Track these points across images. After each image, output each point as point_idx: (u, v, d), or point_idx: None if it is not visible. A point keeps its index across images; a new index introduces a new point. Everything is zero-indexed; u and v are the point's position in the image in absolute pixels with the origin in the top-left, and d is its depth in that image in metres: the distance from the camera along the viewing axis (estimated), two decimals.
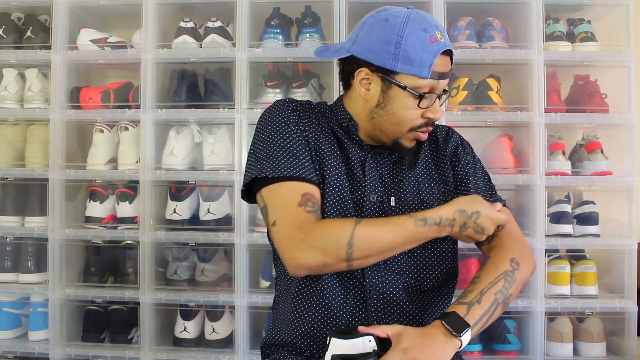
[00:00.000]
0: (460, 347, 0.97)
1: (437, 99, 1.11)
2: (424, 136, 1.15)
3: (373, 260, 1.06)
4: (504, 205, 1.21)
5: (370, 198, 1.14)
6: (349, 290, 1.11)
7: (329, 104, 1.24)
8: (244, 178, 1.14)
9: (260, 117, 1.18)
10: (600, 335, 1.94)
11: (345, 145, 1.17)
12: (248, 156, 1.16)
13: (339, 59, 1.17)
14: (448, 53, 1.09)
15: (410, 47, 1.05)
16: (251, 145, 1.16)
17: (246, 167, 1.15)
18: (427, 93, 1.08)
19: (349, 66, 1.13)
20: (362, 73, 1.11)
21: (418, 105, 1.09)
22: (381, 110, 1.11)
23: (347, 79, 1.16)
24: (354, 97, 1.16)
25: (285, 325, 1.17)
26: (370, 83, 1.11)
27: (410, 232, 1.05)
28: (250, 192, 1.15)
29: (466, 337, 0.97)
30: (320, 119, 1.19)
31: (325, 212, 1.11)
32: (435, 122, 1.23)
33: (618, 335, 1.97)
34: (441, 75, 1.08)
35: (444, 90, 1.13)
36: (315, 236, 1.03)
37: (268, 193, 1.09)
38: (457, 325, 0.97)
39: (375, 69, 1.09)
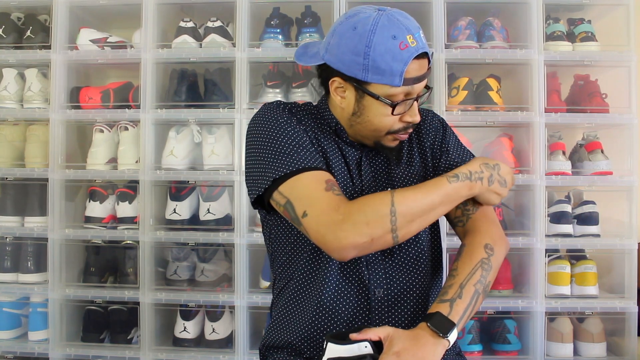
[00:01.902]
0: (449, 345, 0.98)
1: (415, 102, 1.09)
2: (405, 136, 1.14)
3: (416, 226, 1.03)
4: None
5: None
6: (351, 289, 1.11)
7: (314, 104, 1.23)
8: (255, 186, 1.09)
9: (254, 121, 1.14)
10: (600, 335, 1.94)
11: (340, 145, 1.17)
12: (250, 165, 1.11)
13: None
14: (423, 55, 1.05)
15: (379, 57, 1.02)
16: (250, 153, 1.12)
17: (253, 175, 1.10)
18: (401, 101, 1.06)
19: (325, 73, 1.12)
20: (336, 82, 1.09)
21: (387, 114, 1.07)
22: (358, 119, 1.11)
23: (325, 84, 1.14)
24: (334, 103, 1.15)
25: (284, 327, 1.16)
26: (344, 91, 1.10)
27: (446, 190, 1.04)
28: (260, 199, 1.11)
29: (453, 336, 0.98)
30: (313, 119, 1.19)
31: None
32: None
33: (618, 336, 1.97)
34: (416, 80, 1.05)
35: (427, 87, 1.11)
36: (356, 212, 0.99)
37: (289, 187, 1.05)
38: (443, 326, 0.98)
39: (347, 78, 1.07)
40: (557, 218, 1.97)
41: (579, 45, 2.01)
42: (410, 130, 1.14)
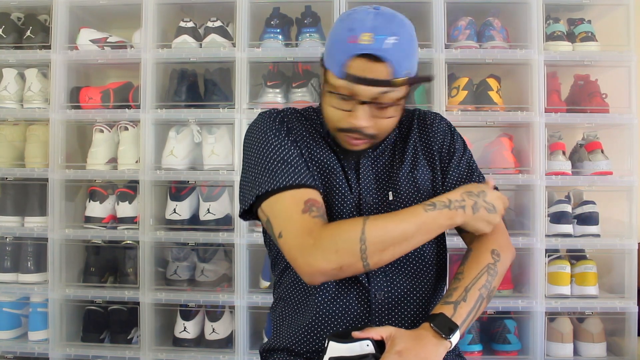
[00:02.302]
0: (450, 347, 0.98)
1: (362, 105, 1.04)
2: (355, 142, 1.09)
3: (389, 256, 1.02)
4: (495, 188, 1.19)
5: (367, 200, 1.13)
6: (351, 293, 1.10)
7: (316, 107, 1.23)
8: (243, 200, 1.12)
9: (247, 132, 1.16)
10: (600, 335, 1.94)
11: (337, 149, 1.16)
12: (242, 176, 1.14)
13: None
14: (379, 60, 1.00)
15: (331, 44, 1.06)
16: (243, 165, 1.14)
17: (243, 188, 1.12)
18: (338, 94, 1.04)
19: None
20: (322, 69, 1.12)
21: (333, 106, 1.07)
22: (321, 104, 1.12)
23: None
24: None
25: (284, 332, 1.16)
26: None
27: (421, 219, 1.02)
28: (249, 210, 1.13)
29: (455, 337, 0.98)
30: (309, 126, 1.18)
31: (332, 219, 1.10)
32: (422, 110, 1.23)
33: (618, 336, 1.97)
34: (359, 80, 1.01)
35: (401, 98, 1.06)
36: (326, 238, 0.99)
37: (269, 206, 1.06)
38: (446, 327, 0.98)
39: (322, 64, 1.11)
40: (557, 218, 1.97)
41: (579, 45, 2.02)
42: (358, 137, 1.08)
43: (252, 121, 1.17)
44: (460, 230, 1.16)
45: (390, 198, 1.14)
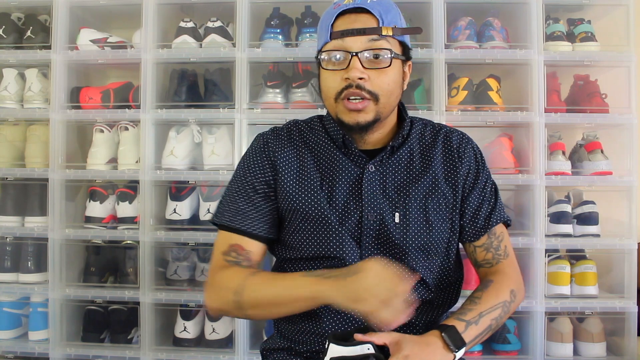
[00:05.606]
0: None
1: (355, 57, 1.05)
2: (356, 105, 1.07)
3: (268, 314, 1.11)
4: (507, 224, 1.21)
5: (369, 218, 1.11)
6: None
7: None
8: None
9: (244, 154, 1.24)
10: (600, 335, 1.94)
11: (341, 162, 1.15)
12: None
13: None
14: (362, 11, 1.07)
15: (319, 25, 1.12)
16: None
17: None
18: (331, 57, 1.08)
19: None
20: (317, 63, 1.15)
21: (329, 69, 1.08)
22: (321, 93, 1.14)
23: None
24: None
25: (285, 335, 1.17)
26: None
27: (301, 293, 1.02)
28: None
29: (460, 354, 1.00)
30: (312, 138, 1.18)
31: (337, 238, 1.10)
32: (449, 127, 1.21)
33: (618, 335, 1.97)
34: (345, 33, 1.06)
35: (396, 56, 1.08)
36: (214, 283, 1.11)
37: (218, 234, 1.18)
38: (456, 341, 1.00)
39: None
40: (557, 218, 1.98)
41: (579, 46, 2.02)
42: (355, 92, 1.07)
43: (252, 142, 1.23)
44: (480, 265, 1.19)
45: (397, 220, 1.11)
